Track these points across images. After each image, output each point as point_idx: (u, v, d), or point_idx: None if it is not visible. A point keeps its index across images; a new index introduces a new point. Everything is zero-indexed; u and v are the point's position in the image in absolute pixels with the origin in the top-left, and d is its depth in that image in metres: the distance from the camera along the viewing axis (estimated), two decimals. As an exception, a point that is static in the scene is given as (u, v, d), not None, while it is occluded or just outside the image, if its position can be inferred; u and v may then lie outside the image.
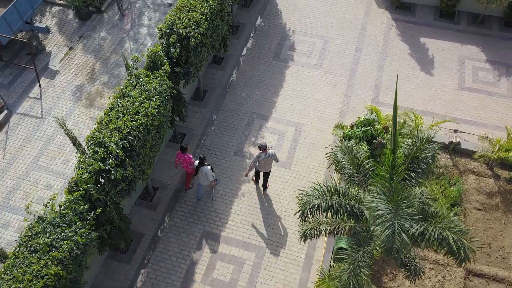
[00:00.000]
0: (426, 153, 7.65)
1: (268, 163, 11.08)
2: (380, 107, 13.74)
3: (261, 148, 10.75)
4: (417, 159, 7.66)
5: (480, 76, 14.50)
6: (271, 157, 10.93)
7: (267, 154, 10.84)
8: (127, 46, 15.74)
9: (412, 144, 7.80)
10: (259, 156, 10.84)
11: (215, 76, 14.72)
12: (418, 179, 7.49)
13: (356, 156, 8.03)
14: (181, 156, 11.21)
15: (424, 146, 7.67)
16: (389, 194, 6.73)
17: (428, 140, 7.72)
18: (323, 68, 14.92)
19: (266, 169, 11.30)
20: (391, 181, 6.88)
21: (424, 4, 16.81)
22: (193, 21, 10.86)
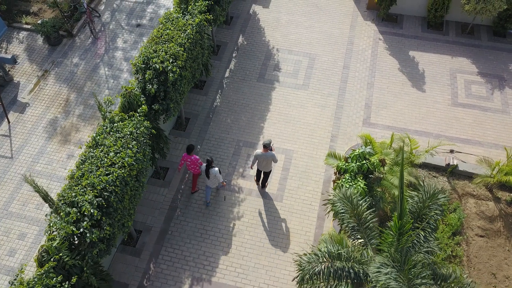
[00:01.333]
0: (435, 210, 6.98)
1: (268, 163, 11.01)
2: (372, 128, 13.17)
3: (264, 146, 10.62)
4: (425, 216, 6.97)
5: (473, 91, 13.99)
6: (270, 157, 10.81)
7: (266, 154, 10.73)
8: (102, 72, 14.79)
9: (419, 200, 7.13)
10: (258, 155, 10.79)
11: (197, 102, 13.90)
12: (428, 237, 6.81)
13: (356, 207, 7.34)
14: (188, 158, 10.98)
15: (432, 201, 7.00)
16: (398, 264, 6.05)
17: (435, 194, 7.05)
18: (310, 89, 14.22)
19: (266, 169, 11.22)
20: (398, 244, 6.21)
21: (411, 14, 16.25)
22: (170, 54, 10.01)
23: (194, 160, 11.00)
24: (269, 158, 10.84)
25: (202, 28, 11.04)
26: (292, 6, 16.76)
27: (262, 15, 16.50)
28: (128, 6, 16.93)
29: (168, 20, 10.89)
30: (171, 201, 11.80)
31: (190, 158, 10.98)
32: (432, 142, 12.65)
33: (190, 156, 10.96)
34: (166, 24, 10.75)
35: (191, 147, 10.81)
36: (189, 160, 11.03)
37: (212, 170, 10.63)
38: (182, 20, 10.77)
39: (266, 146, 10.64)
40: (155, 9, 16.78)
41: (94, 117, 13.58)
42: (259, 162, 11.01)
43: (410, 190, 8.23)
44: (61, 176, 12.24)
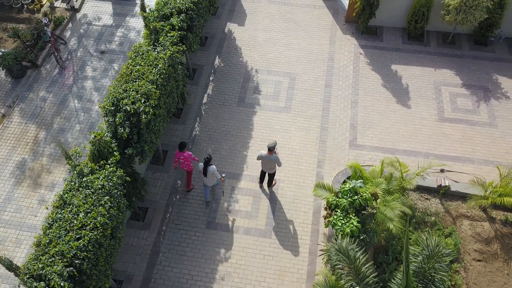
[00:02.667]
0: (441, 271, 6.44)
1: (271, 165, 10.98)
2: (359, 150, 12.67)
3: (269, 149, 10.56)
4: (430, 277, 6.40)
5: (458, 104, 13.63)
6: (274, 160, 10.75)
7: (270, 157, 10.68)
8: (72, 105, 13.89)
9: (423, 261, 6.58)
10: (263, 155, 10.76)
11: (175, 132, 13.14)
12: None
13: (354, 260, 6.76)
14: (180, 155, 10.91)
15: (437, 260, 6.46)
16: None
17: (439, 253, 6.49)
18: (292, 111, 13.63)
19: (270, 171, 11.19)
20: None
21: (391, 26, 15.84)
22: (141, 93, 9.25)
23: (187, 157, 10.95)
24: (273, 161, 10.79)
25: (175, 60, 10.30)
26: (268, 22, 16.16)
27: (238, 33, 15.84)
28: (96, 31, 16.04)
29: (137, 54, 10.12)
30: (153, 245, 11.03)
31: (183, 155, 10.89)
32: (422, 161, 12.22)
33: (182, 153, 10.86)
34: (136, 59, 9.98)
35: (183, 144, 10.73)
36: (182, 158, 10.94)
37: (210, 168, 10.58)
38: (153, 53, 10.02)
39: (270, 149, 10.57)
40: (125, 33, 15.95)
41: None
42: (263, 163, 11.06)
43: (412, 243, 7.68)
44: (32, 225, 11.34)
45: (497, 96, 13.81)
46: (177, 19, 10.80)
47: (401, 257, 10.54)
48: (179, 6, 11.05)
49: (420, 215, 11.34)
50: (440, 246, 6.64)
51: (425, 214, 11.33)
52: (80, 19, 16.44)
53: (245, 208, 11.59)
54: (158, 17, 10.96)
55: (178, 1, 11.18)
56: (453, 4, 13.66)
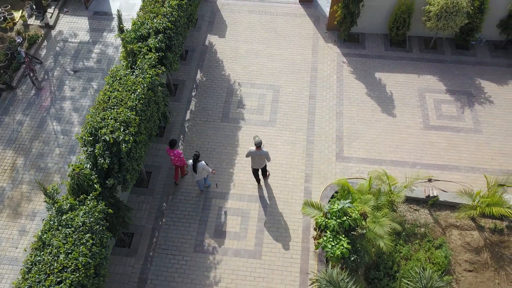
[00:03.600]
0: None
1: (261, 160, 11.22)
2: (346, 163, 12.55)
3: (257, 145, 10.79)
4: None
5: (443, 111, 13.60)
6: (263, 154, 11.03)
7: (260, 152, 10.93)
8: (50, 128, 13.47)
9: None
10: (252, 151, 10.97)
11: (158, 152, 12.84)
12: None
13: (344, 292, 6.60)
14: (171, 152, 11.29)
15: None
16: None
17: (432, 286, 6.36)
18: (277, 125, 13.44)
19: (260, 166, 11.41)
20: None
21: (372, 32, 15.74)
22: (120, 121, 8.94)
23: (177, 154, 11.29)
24: (263, 156, 11.07)
25: (154, 83, 9.99)
26: (249, 33, 15.92)
27: (219, 46, 15.57)
28: (73, 48, 15.60)
29: (115, 79, 9.79)
30: (140, 272, 10.73)
31: (173, 152, 11.25)
32: (409, 172, 12.18)
33: (172, 150, 11.22)
34: (113, 84, 9.65)
35: (173, 141, 11.08)
36: (172, 154, 11.30)
37: (199, 164, 10.88)
38: (131, 78, 9.70)
39: (258, 146, 10.82)
40: (103, 49, 15.54)
41: (46, 181, 12.28)
42: (253, 160, 11.21)
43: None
44: (12, 258, 10.93)
45: (481, 101, 13.83)
46: (155, 40, 10.49)
47: (392, 272, 10.46)
48: (157, 26, 10.73)
49: (410, 227, 11.27)
50: (433, 280, 6.50)
51: (415, 226, 11.26)
52: (56, 36, 15.97)
53: (234, 228, 11.37)
54: (135, 38, 10.63)
55: (155, 21, 10.86)
56: (434, 11, 13.62)
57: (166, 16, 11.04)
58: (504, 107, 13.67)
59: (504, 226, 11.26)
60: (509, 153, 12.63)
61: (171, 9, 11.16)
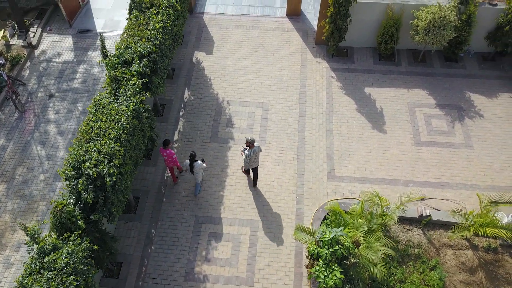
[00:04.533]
0: None
1: (256, 158, 11.30)
2: (338, 182, 12.38)
3: (250, 144, 10.87)
4: None
5: (434, 126, 13.50)
6: (257, 149, 11.17)
7: (255, 148, 11.04)
8: (34, 153, 13.12)
9: None
10: (249, 153, 11.02)
11: (146, 176, 12.55)
12: None
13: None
14: (163, 152, 11.30)
15: None
16: None
17: None
18: (268, 144, 13.23)
19: (255, 165, 11.47)
20: None
21: (361, 46, 15.62)
22: (104, 154, 8.66)
23: (169, 154, 11.29)
24: (258, 151, 11.20)
25: (139, 111, 9.73)
26: (237, 49, 15.71)
27: (207, 62, 15.34)
28: (57, 68, 15.27)
29: (98, 108, 9.50)
30: (129, 303, 10.44)
31: (166, 152, 11.24)
32: (401, 190, 12.06)
33: (165, 150, 11.22)
34: (96, 114, 9.37)
35: (166, 141, 11.12)
36: (165, 154, 11.31)
37: (196, 163, 11.06)
38: (115, 106, 9.42)
39: (251, 142, 10.90)
40: (88, 68, 15.23)
41: (31, 210, 11.95)
42: (251, 160, 11.25)
43: None
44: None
45: (471, 115, 13.76)
46: (139, 66, 10.23)
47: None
48: (141, 51, 10.47)
49: (404, 247, 11.13)
50: None
51: (408, 247, 11.12)
52: (39, 56, 15.63)
53: (225, 255, 11.13)
54: (119, 63, 10.36)
55: (139, 45, 10.59)
56: (422, 25, 13.53)
57: (151, 39, 10.78)
58: (494, 120, 13.60)
59: (498, 245, 11.16)
60: (500, 168, 12.55)
61: (155, 32, 10.90)
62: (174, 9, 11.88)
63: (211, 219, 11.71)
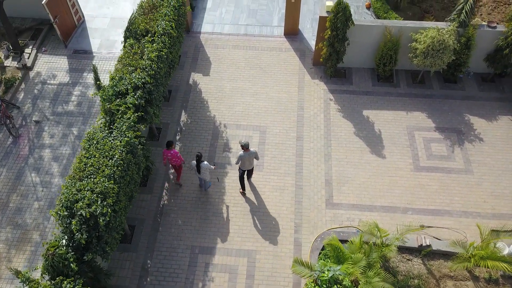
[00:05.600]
0: None
1: (251, 161, 11.71)
2: (336, 210, 12.22)
3: (244, 147, 11.23)
4: None
5: (433, 150, 13.34)
6: (252, 155, 11.55)
7: (249, 153, 11.42)
8: (28, 179, 12.94)
9: None
10: (243, 155, 11.36)
11: (141, 203, 12.37)
12: None
13: None
14: (168, 153, 11.67)
15: None
16: None
17: None
18: (265, 169, 13.07)
19: (249, 167, 11.86)
20: None
21: (359, 67, 15.49)
22: (98, 192, 8.48)
23: (174, 154, 11.65)
24: (252, 156, 11.54)
25: (133, 145, 9.55)
26: (234, 70, 15.56)
27: (204, 84, 15.19)
28: (52, 90, 15.10)
29: (91, 143, 9.32)
30: (124, 339, 10.25)
31: (170, 152, 11.63)
32: (400, 218, 11.91)
33: (169, 151, 11.61)
34: (90, 149, 9.19)
35: (170, 142, 11.47)
36: (169, 155, 11.68)
37: (203, 164, 11.39)
38: (109, 141, 9.24)
39: (246, 147, 11.26)
40: (83, 91, 15.07)
41: (24, 240, 11.76)
42: (243, 162, 11.59)
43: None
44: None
45: (471, 138, 13.61)
46: (133, 97, 10.06)
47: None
48: (135, 82, 10.31)
49: (403, 278, 10.95)
50: None
51: (408, 278, 10.94)
52: (34, 78, 15.46)
53: (221, 287, 10.94)
54: (113, 95, 10.19)
55: (133, 75, 10.42)
56: (420, 48, 13.39)
57: (145, 69, 10.62)
58: (494, 144, 13.46)
59: (499, 276, 11.00)
60: (500, 195, 12.39)
61: (150, 62, 10.74)
62: (170, 36, 11.72)
63: (208, 249, 11.53)
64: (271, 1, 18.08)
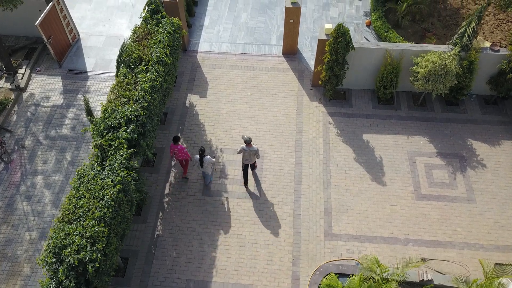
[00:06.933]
0: None
1: (251, 156, 12.01)
2: (335, 241, 11.90)
3: (246, 142, 11.69)
4: None
5: (435, 177, 13.01)
6: (253, 151, 11.90)
7: (250, 148, 11.80)
8: (20, 208, 12.63)
9: None
10: (244, 148, 11.82)
11: (135, 234, 12.06)
12: None
13: None
14: (175, 147, 12.11)
15: None
16: None
17: None
18: (262, 197, 12.75)
19: (250, 161, 12.20)
20: None
21: (359, 88, 15.16)
22: (87, 237, 8.16)
23: (180, 149, 12.08)
24: (253, 152, 11.87)
25: (126, 184, 9.23)
26: (231, 92, 15.24)
27: (200, 106, 14.87)
28: (45, 113, 14.79)
29: (82, 182, 9.00)
30: None
31: (177, 147, 12.06)
32: (401, 250, 11.60)
33: (176, 145, 12.04)
34: (80, 189, 8.87)
35: (177, 137, 11.95)
36: (176, 149, 12.09)
37: (205, 158, 11.81)
38: (99, 180, 8.92)
39: (248, 143, 11.70)
40: (77, 113, 14.76)
41: (14, 273, 11.44)
42: (244, 156, 11.97)
43: None
44: None
45: (473, 165, 13.28)
46: (126, 132, 9.73)
47: None
48: (128, 115, 9.98)
49: (404, 315, 10.65)
50: None
51: (410, 314, 10.63)
52: (27, 100, 15.15)
53: (217, 324, 10.63)
54: (104, 129, 9.86)
55: (126, 108, 10.10)
56: (422, 73, 13.07)
57: (138, 101, 10.30)
58: (497, 171, 13.13)
59: (503, 313, 10.65)
60: (504, 225, 12.07)
61: (143, 93, 10.42)
62: (164, 64, 11.39)
63: (203, 284, 11.22)
64: (269, 18, 17.77)
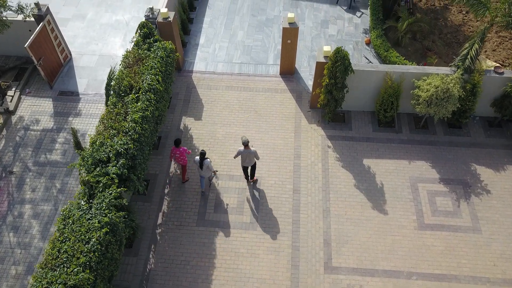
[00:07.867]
0: None
1: (250, 158, 11.94)
2: (335, 275, 11.39)
3: (244, 144, 11.57)
4: None
5: (438, 205, 12.54)
6: (251, 153, 11.83)
7: (249, 151, 11.71)
8: (6, 240, 12.11)
9: None
10: (242, 151, 11.73)
11: (126, 268, 11.55)
12: None
13: None
14: (176, 150, 12.02)
15: None
16: None
17: None
18: (259, 228, 12.25)
19: (249, 164, 12.14)
20: None
21: (359, 110, 14.71)
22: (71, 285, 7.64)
23: (182, 152, 12.04)
24: (251, 154, 11.79)
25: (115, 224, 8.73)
26: (227, 114, 14.78)
27: (195, 129, 14.40)
28: (35, 137, 14.31)
29: (66, 224, 8.50)
30: None
31: (179, 150, 11.99)
32: (404, 285, 11.08)
33: (178, 148, 11.97)
34: (65, 231, 8.37)
35: (178, 140, 11.89)
36: (178, 152, 12.00)
37: (206, 161, 11.74)
38: (86, 221, 8.42)
39: (246, 145, 11.58)
40: (68, 138, 14.28)
41: (-2, 311, 10.91)
42: (243, 158, 11.91)
43: None
44: None
45: (478, 191, 12.81)
46: (116, 167, 9.24)
47: None
48: (117, 148, 9.50)
49: None
50: None
51: None
52: (16, 124, 14.67)
53: None
54: (92, 164, 9.38)
55: (115, 140, 9.62)
56: (423, 96, 12.64)
57: (129, 133, 9.82)
58: (503, 198, 12.66)
59: None
60: (511, 257, 11.57)
61: (134, 125, 9.94)
62: (156, 91, 10.93)
63: (197, 322, 10.70)
64: (266, 36, 17.35)
